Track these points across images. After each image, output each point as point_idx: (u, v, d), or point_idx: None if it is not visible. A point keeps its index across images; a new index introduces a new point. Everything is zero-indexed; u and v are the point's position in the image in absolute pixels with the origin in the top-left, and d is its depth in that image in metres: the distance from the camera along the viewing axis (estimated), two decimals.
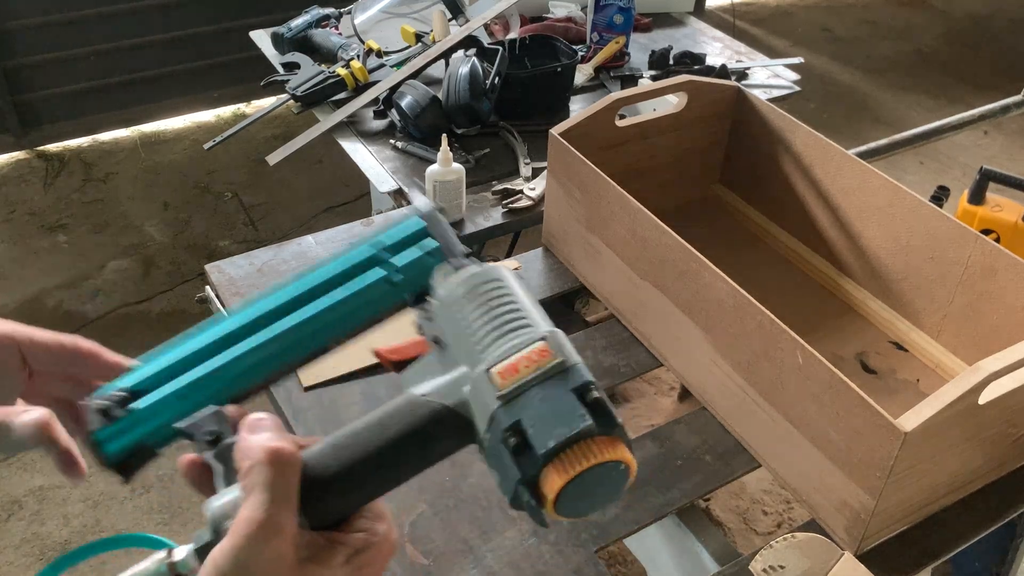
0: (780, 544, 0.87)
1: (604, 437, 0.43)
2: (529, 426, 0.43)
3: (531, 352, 0.45)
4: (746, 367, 0.97)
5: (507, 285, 0.49)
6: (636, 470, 0.45)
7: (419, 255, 0.54)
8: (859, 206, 1.21)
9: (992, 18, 4.55)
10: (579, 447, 0.42)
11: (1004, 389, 0.85)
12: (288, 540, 0.43)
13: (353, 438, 0.47)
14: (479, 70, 1.53)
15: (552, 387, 0.44)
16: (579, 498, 0.43)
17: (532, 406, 0.43)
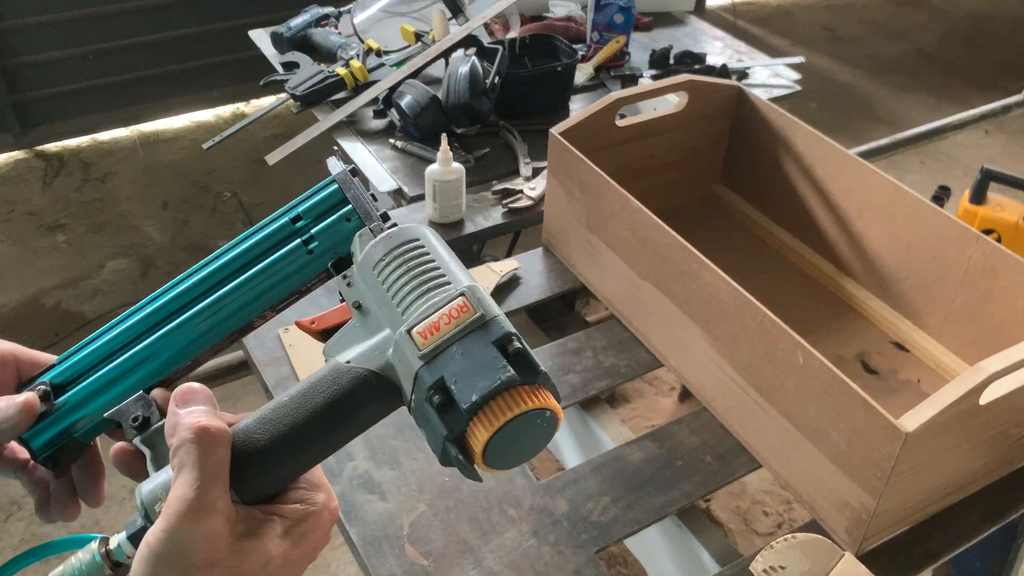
0: (781, 545, 0.87)
1: (527, 387, 0.43)
2: (452, 382, 0.43)
3: (450, 309, 0.45)
4: (747, 367, 0.97)
5: (426, 244, 0.49)
6: (563, 417, 0.45)
7: (335, 220, 0.53)
8: (860, 206, 1.21)
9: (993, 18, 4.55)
10: (502, 398, 0.42)
11: (1005, 389, 0.85)
12: (221, 517, 0.43)
13: (279, 410, 0.47)
14: (479, 69, 1.53)
15: (473, 342, 0.44)
16: (507, 449, 0.43)
17: (454, 362, 0.43)
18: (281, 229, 0.55)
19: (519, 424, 0.43)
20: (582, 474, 0.99)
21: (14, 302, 2.47)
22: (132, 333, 0.54)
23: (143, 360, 0.53)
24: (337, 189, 0.54)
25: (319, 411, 0.46)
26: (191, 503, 0.42)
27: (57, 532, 1.91)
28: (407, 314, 0.46)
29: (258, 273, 0.53)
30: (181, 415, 0.46)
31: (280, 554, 0.45)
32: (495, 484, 0.96)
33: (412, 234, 0.49)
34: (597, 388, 1.09)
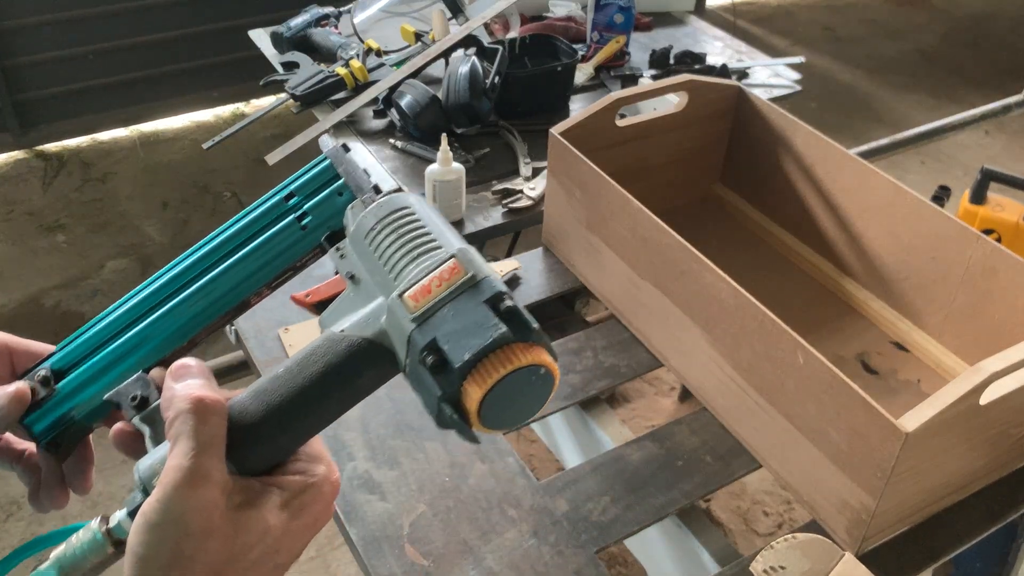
0: (781, 545, 0.87)
1: (521, 344, 0.43)
2: (444, 343, 0.43)
3: (442, 271, 0.45)
4: (747, 367, 0.97)
5: (416, 210, 0.49)
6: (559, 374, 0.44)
7: (327, 195, 0.54)
8: (860, 206, 1.21)
9: (993, 18, 4.55)
10: (495, 355, 0.42)
11: (1006, 389, 0.85)
12: (216, 487, 0.43)
13: (275, 382, 0.47)
14: (479, 69, 1.53)
15: (464, 302, 0.44)
16: (503, 408, 0.43)
17: (446, 323, 0.43)
18: (275, 207, 0.55)
19: (513, 381, 0.42)
20: (582, 474, 0.99)
21: (14, 302, 2.47)
22: (129, 316, 0.54)
23: (140, 342, 0.54)
24: (329, 165, 0.55)
25: (314, 380, 0.46)
26: (186, 472, 0.42)
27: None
28: (399, 280, 0.46)
29: (252, 251, 0.54)
30: (176, 388, 0.46)
31: (278, 525, 0.45)
32: (495, 484, 0.96)
33: (402, 202, 0.49)
34: (597, 388, 1.09)
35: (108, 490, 1.99)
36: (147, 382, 0.50)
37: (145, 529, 0.42)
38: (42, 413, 0.53)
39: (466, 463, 0.98)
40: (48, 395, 0.53)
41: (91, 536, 0.47)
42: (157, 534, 0.42)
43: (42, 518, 1.93)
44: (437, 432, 1.01)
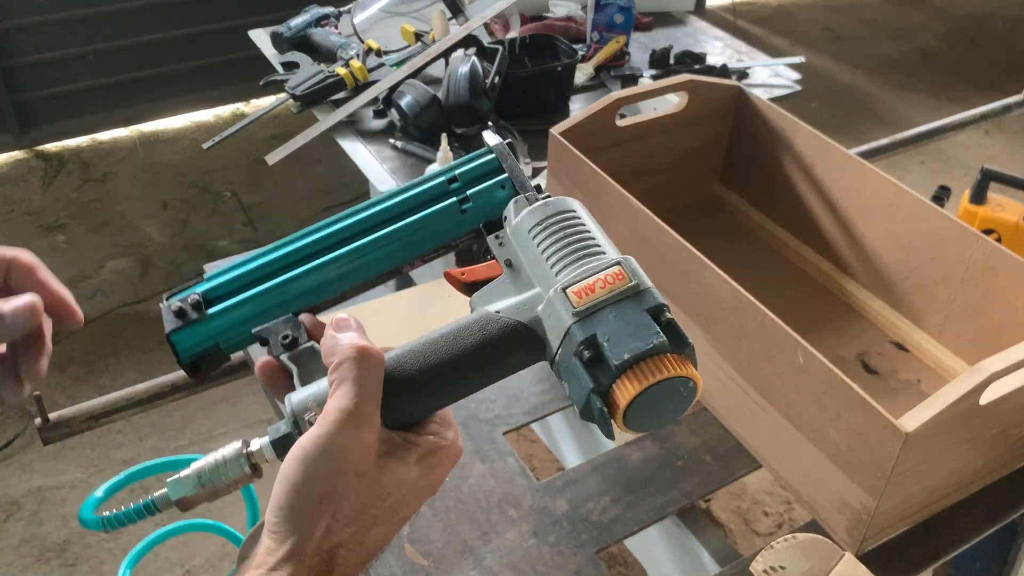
0: (781, 545, 0.87)
1: (676, 355, 0.45)
2: (604, 340, 0.45)
3: (606, 275, 0.47)
4: (747, 367, 0.97)
5: (580, 216, 0.52)
6: (701, 389, 0.47)
7: (490, 187, 0.58)
8: (860, 206, 1.21)
9: (993, 18, 4.55)
10: (652, 361, 0.45)
11: (1006, 389, 0.85)
12: (374, 431, 0.46)
13: (430, 346, 0.50)
14: (479, 69, 1.53)
15: (626, 307, 0.47)
16: (647, 411, 0.46)
17: (606, 323, 0.46)
18: (437, 187, 0.58)
19: (664, 388, 0.45)
20: (582, 474, 0.99)
21: None
22: (285, 261, 0.57)
23: (295, 286, 0.56)
24: (493, 158, 0.59)
25: (468, 351, 0.49)
26: (349, 414, 0.45)
27: (58, 532, 1.91)
28: (560, 275, 0.49)
29: (415, 222, 0.57)
30: (340, 337, 0.48)
31: (411, 479, 0.48)
32: (495, 484, 0.96)
33: (568, 205, 0.53)
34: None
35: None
36: (297, 324, 0.54)
37: (303, 460, 0.45)
38: (189, 334, 0.56)
39: (466, 463, 0.98)
40: (198, 319, 0.56)
41: (234, 455, 0.50)
42: (315, 466, 0.45)
43: (42, 519, 1.94)
44: None
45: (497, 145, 0.59)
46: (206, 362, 0.57)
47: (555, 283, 0.48)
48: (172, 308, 0.56)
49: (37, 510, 1.95)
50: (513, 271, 0.52)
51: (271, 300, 0.56)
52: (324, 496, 0.45)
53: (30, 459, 2.06)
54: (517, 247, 0.53)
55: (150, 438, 2.11)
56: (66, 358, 2.30)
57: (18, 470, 2.04)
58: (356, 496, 0.45)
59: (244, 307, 0.55)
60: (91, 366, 2.29)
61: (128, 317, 2.42)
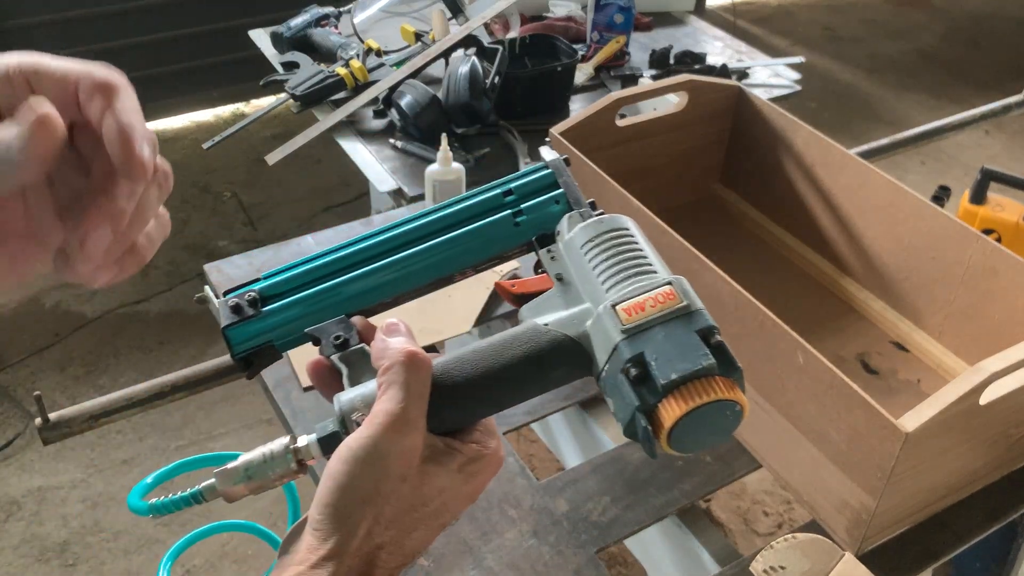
0: (781, 545, 0.87)
1: (724, 378, 0.45)
2: (652, 359, 0.45)
3: (657, 294, 0.48)
4: (747, 367, 0.95)
5: (633, 234, 0.52)
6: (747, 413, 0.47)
7: (544, 201, 0.58)
8: (860, 206, 1.21)
9: (993, 18, 4.55)
10: (700, 383, 0.45)
11: (1005, 389, 0.85)
12: (420, 435, 0.47)
13: (478, 355, 0.50)
14: (479, 69, 1.53)
15: (676, 327, 0.47)
16: (692, 433, 0.46)
17: (655, 341, 0.46)
18: (493, 199, 0.59)
19: (710, 410, 0.45)
20: (582, 474, 0.99)
21: (14, 302, 2.47)
22: (340, 264, 0.58)
23: (349, 288, 0.57)
24: (549, 173, 0.59)
25: (515, 362, 0.50)
26: (396, 417, 0.46)
27: (58, 532, 1.91)
28: (611, 292, 0.49)
29: (469, 232, 0.58)
30: (390, 342, 0.49)
31: (453, 486, 0.48)
32: (495, 484, 0.96)
33: (622, 223, 0.53)
34: (597, 388, 1.09)
35: (109, 490, 1.99)
36: (349, 326, 0.55)
37: (350, 461, 0.45)
38: (243, 329, 0.57)
39: None
40: (253, 315, 0.57)
41: (282, 451, 0.51)
42: (361, 467, 0.45)
43: (42, 519, 1.94)
44: None
45: (554, 160, 0.59)
46: (258, 358, 0.58)
47: (605, 299, 0.48)
48: (229, 304, 0.57)
49: (37, 510, 1.95)
50: (564, 285, 0.53)
51: (324, 301, 0.57)
52: (368, 498, 0.45)
53: (30, 459, 2.06)
54: (569, 262, 0.53)
55: (150, 438, 2.11)
56: (66, 358, 2.30)
57: (18, 470, 2.04)
58: (399, 500, 0.46)
59: (298, 306, 0.57)
60: (91, 366, 2.29)
61: (128, 317, 2.42)
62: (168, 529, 1.92)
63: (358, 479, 0.45)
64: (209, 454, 0.54)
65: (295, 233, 2.63)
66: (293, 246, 1.29)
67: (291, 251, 1.28)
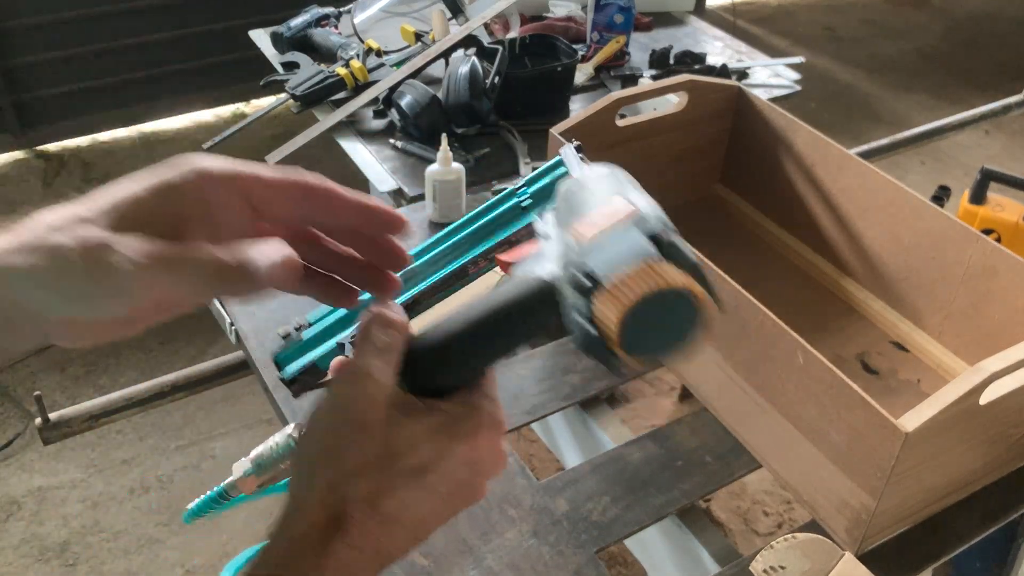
0: (781, 545, 0.87)
1: (670, 266, 0.42)
2: (595, 265, 0.43)
3: (610, 208, 0.46)
4: (747, 367, 0.97)
5: (617, 177, 0.50)
6: (714, 311, 0.43)
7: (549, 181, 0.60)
8: (860, 206, 1.21)
9: (993, 18, 4.55)
10: (640, 272, 0.41)
11: (1005, 389, 0.85)
12: (378, 386, 0.46)
13: (457, 313, 0.49)
14: (479, 69, 1.53)
15: (625, 232, 0.44)
16: (646, 332, 0.42)
17: (604, 250, 0.44)
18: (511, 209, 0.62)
19: (658, 304, 0.41)
20: (582, 474, 0.99)
21: None
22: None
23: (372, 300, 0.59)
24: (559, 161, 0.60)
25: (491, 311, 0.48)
26: (353, 367, 0.46)
27: (58, 532, 1.91)
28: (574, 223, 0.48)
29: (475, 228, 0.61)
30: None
31: (431, 444, 0.46)
32: (495, 484, 0.96)
33: (602, 168, 0.51)
34: (597, 388, 1.09)
35: (109, 490, 1.99)
36: None
37: (312, 416, 0.46)
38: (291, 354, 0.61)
39: None
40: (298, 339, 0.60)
41: (285, 441, 0.53)
42: (318, 418, 0.46)
43: (42, 519, 1.94)
44: None
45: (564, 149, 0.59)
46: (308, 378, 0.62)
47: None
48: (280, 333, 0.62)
49: (37, 510, 1.95)
50: (547, 240, 0.51)
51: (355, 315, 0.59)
52: (326, 448, 0.45)
53: (30, 459, 2.06)
54: (553, 217, 0.52)
55: (150, 438, 2.11)
56: (66, 358, 2.30)
57: (18, 470, 2.04)
58: (359, 449, 0.44)
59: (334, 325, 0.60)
60: (91, 366, 2.29)
61: None
62: (168, 529, 1.92)
63: (316, 430, 0.46)
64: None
65: None
66: None
67: None
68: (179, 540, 1.91)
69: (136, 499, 1.97)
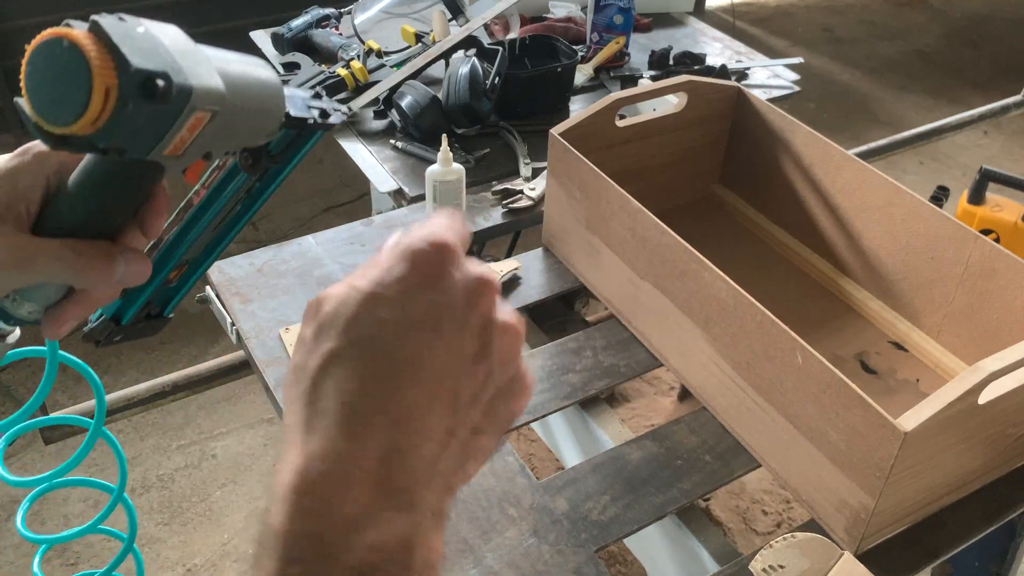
0: (780, 544, 0.87)
1: (74, 31, 0.42)
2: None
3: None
4: (746, 367, 0.97)
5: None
6: (95, 52, 0.41)
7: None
8: (859, 206, 1.21)
9: (992, 18, 4.55)
10: (46, 31, 0.42)
11: (1004, 389, 0.85)
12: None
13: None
14: (479, 70, 1.53)
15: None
16: (40, 83, 0.42)
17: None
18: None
19: (42, 52, 0.42)
20: (582, 473, 0.99)
21: None
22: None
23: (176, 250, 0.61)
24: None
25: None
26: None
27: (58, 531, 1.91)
28: None
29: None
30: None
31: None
32: (495, 483, 0.97)
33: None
34: (596, 388, 1.10)
35: None
36: None
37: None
38: (123, 304, 0.61)
39: None
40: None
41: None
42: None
43: (43, 518, 1.94)
44: None
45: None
46: (152, 323, 0.63)
47: None
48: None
49: (37, 510, 1.96)
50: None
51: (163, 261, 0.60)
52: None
53: (31, 459, 2.06)
54: None
55: (151, 437, 2.11)
56: None
57: (19, 470, 2.04)
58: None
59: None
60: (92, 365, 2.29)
61: None
62: (169, 528, 1.92)
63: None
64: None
65: (296, 233, 2.64)
66: (294, 246, 1.30)
67: (292, 251, 1.28)
68: (180, 539, 1.91)
69: (137, 498, 1.98)
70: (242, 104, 0.47)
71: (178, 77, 0.42)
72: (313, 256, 1.28)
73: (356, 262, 1.27)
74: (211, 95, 0.44)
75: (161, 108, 0.42)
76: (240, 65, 0.48)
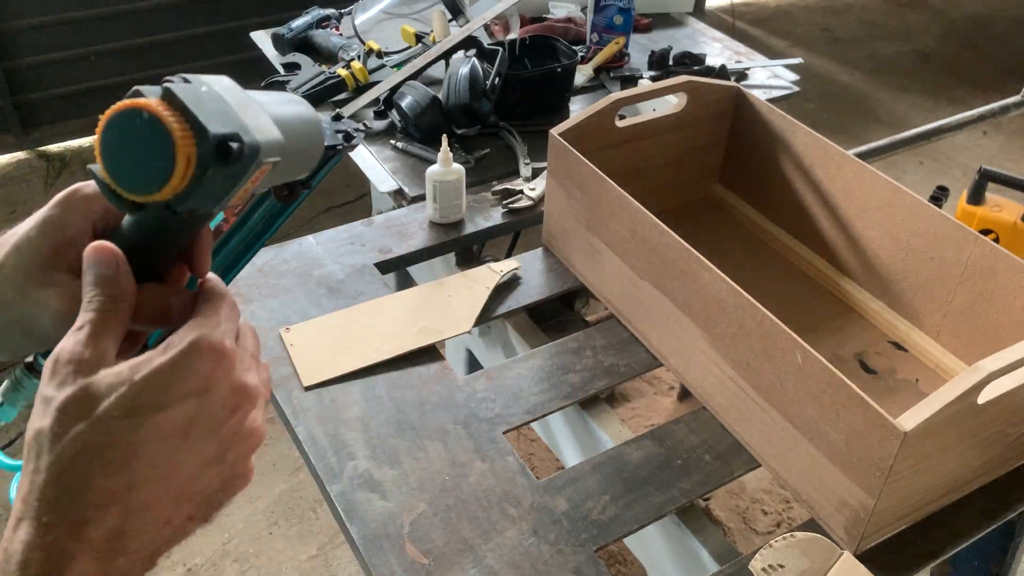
0: (780, 544, 0.87)
1: (146, 100, 0.44)
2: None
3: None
4: (746, 367, 0.97)
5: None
6: (176, 128, 0.43)
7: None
8: (858, 206, 1.21)
9: (992, 18, 4.55)
10: (121, 103, 0.44)
11: (1003, 389, 0.85)
12: None
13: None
14: (479, 71, 1.53)
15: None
16: (121, 152, 0.43)
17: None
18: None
19: (119, 123, 0.43)
20: (582, 473, 0.99)
21: None
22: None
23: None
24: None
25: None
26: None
27: None
28: None
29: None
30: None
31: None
32: (495, 483, 0.97)
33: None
34: (597, 387, 1.10)
35: None
36: None
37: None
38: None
39: (466, 462, 0.99)
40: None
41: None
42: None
43: None
44: (438, 432, 1.02)
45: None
46: None
47: None
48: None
49: None
50: None
51: None
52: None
53: None
54: None
55: None
56: None
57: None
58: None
59: None
60: None
61: None
62: None
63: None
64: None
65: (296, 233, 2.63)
66: (294, 246, 1.30)
67: (292, 251, 1.29)
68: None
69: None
70: (295, 148, 0.48)
71: (247, 136, 0.43)
72: (313, 256, 1.28)
73: (356, 262, 1.27)
74: (274, 147, 0.45)
75: (234, 168, 0.43)
76: (285, 107, 0.49)
